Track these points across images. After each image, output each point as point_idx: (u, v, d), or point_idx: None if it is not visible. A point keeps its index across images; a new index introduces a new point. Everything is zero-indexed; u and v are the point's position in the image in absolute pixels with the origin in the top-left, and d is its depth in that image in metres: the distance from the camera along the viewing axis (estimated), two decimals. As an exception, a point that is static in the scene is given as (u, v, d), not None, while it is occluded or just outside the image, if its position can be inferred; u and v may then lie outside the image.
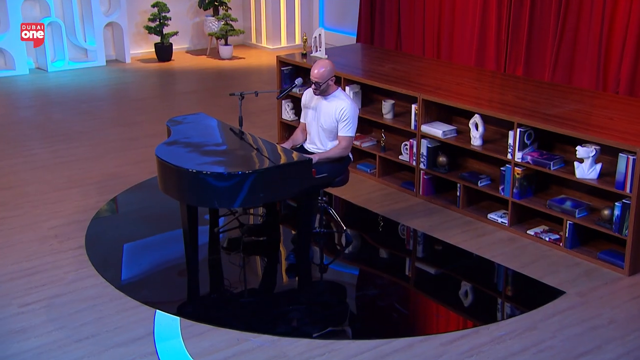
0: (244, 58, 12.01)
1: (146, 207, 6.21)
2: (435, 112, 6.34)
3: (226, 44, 11.94)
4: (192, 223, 5.07)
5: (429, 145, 6.27)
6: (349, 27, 11.68)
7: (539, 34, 8.11)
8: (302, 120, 5.65)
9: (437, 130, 6.19)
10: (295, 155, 5.02)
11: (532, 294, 4.86)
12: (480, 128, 5.91)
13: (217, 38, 11.96)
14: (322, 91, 5.35)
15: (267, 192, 4.76)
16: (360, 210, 6.22)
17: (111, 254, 5.35)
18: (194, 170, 4.65)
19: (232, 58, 11.93)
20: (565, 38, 7.74)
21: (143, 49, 12.12)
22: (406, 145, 6.52)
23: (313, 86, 5.31)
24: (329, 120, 5.37)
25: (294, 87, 5.54)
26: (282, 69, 7.53)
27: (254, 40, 12.88)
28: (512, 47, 8.31)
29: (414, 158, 6.40)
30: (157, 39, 11.89)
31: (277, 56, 7.63)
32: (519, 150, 5.59)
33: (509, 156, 5.66)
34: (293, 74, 7.57)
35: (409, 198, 6.46)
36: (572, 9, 7.66)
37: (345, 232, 5.70)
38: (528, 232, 5.66)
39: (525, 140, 5.58)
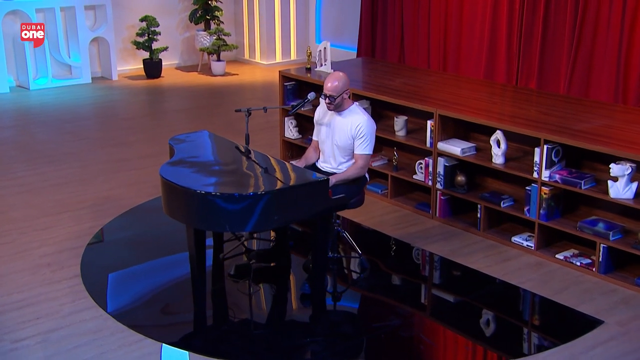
0: (237, 74, 11.89)
1: (144, 232, 6.03)
2: (452, 128, 6.21)
3: (218, 59, 11.82)
4: (200, 249, 4.89)
5: (446, 164, 6.14)
6: (348, 42, 11.63)
7: (552, 46, 8.07)
8: (314, 137, 5.50)
9: (455, 147, 6.06)
10: (310, 175, 4.87)
11: (567, 324, 4.70)
12: (503, 145, 5.78)
13: (209, 53, 11.84)
14: (337, 106, 5.21)
15: (281, 215, 4.59)
16: (373, 233, 6.06)
17: (110, 283, 5.14)
18: (202, 192, 4.50)
19: (225, 74, 11.80)
20: (581, 50, 7.71)
21: (131, 65, 11.98)
22: (421, 164, 6.39)
23: (327, 100, 5.17)
24: (344, 137, 5.22)
25: (307, 101, 5.40)
26: (286, 84, 7.41)
27: (247, 56, 12.77)
28: (524, 60, 8.27)
29: (430, 178, 6.26)
30: (146, 54, 11.75)
31: (279, 71, 7.51)
32: (546, 168, 5.46)
33: (535, 175, 5.52)
34: (296, 89, 7.46)
35: (424, 220, 6.31)
36: (589, 21, 7.62)
37: (361, 258, 5.54)
38: (557, 256, 5.52)
39: (553, 158, 5.46)
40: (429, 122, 6.20)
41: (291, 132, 7.50)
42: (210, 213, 4.51)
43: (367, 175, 5.39)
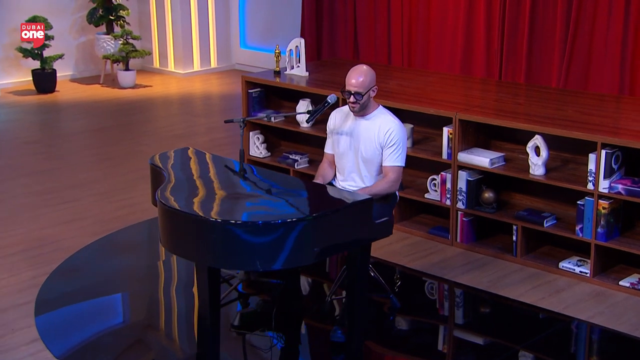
0: (150, 86, 11.28)
1: (111, 277, 5.49)
2: (473, 136, 5.89)
3: (127, 68, 11.16)
4: (214, 293, 4.40)
5: (469, 178, 5.81)
6: (282, 44, 11.24)
7: (542, 39, 7.98)
8: (328, 150, 5.08)
9: (482, 158, 5.74)
10: (348, 194, 4.49)
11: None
12: (544, 153, 5.50)
13: (114, 62, 11.15)
14: (362, 107, 4.78)
15: (321, 245, 4.15)
16: (386, 266, 5.67)
17: (83, 343, 4.58)
18: (219, 220, 4.03)
19: (135, 86, 11.17)
20: (578, 42, 7.64)
21: (15, 77, 11.17)
22: (435, 180, 6.03)
23: (351, 100, 4.75)
24: (371, 147, 4.80)
25: (327, 105, 4.94)
26: (250, 91, 6.96)
27: (156, 64, 12.19)
28: (508, 55, 8.16)
29: (448, 196, 5.90)
30: (36, 64, 10.92)
31: (242, 76, 7.11)
32: (604, 177, 5.19)
33: (590, 186, 5.25)
34: (263, 97, 7.02)
35: (443, 248, 5.97)
36: (587, 11, 7.55)
37: (392, 297, 5.12)
38: (620, 283, 5.26)
39: (613, 165, 5.20)
40: (445, 130, 5.86)
41: (258, 149, 7.01)
42: (229, 247, 4.06)
43: (397, 193, 4.98)
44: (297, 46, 6.88)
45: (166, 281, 5.50)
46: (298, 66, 6.90)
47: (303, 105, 6.57)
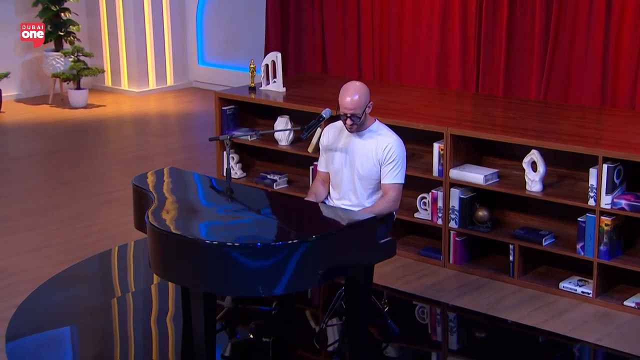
0: (104, 105, 11.15)
1: (81, 310, 5.38)
2: (465, 152, 5.91)
3: (78, 87, 11.02)
4: (210, 322, 4.31)
5: (462, 196, 5.82)
6: (240, 62, 11.28)
7: (520, 51, 8.06)
8: (321, 168, 5.06)
9: (476, 174, 5.76)
10: (350, 214, 4.48)
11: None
12: (541, 168, 5.53)
13: (64, 80, 11.00)
14: (360, 126, 4.77)
15: (324, 268, 4.12)
16: (379, 291, 5.63)
17: None
18: (216, 242, 3.99)
19: (87, 106, 11.03)
20: (557, 54, 7.74)
21: (-46, 99, 10.92)
22: (425, 198, 6.03)
23: (348, 122, 4.73)
24: (368, 164, 4.79)
25: (322, 120, 4.91)
26: (224, 108, 6.90)
27: (108, 82, 12.07)
28: (485, 68, 8.23)
29: (440, 215, 5.90)
30: (-22, 84, 10.73)
31: (215, 93, 7.06)
32: (606, 193, 5.23)
33: (592, 202, 5.29)
34: (238, 115, 6.99)
35: (435, 270, 5.98)
36: (565, 23, 7.66)
37: (390, 323, 5.09)
38: (625, 303, 5.29)
39: (615, 180, 5.25)
40: (436, 145, 5.87)
41: (233, 169, 6.95)
42: (227, 271, 4.02)
43: (394, 213, 4.96)
44: (273, 61, 6.83)
45: (144, 312, 5.41)
46: (274, 81, 6.86)
47: (282, 122, 6.54)
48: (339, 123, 4.92)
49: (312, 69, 9.61)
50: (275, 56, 6.84)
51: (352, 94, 4.71)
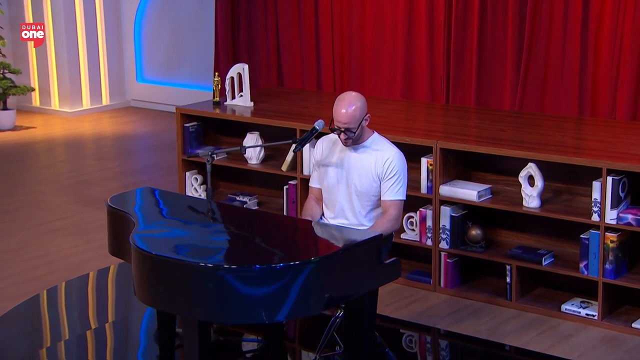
0: (34, 127, 10.99)
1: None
2: (454, 167, 5.94)
3: (5, 107, 10.85)
4: (205, 352, 4.23)
5: (453, 214, 5.83)
6: (184, 78, 11.27)
7: (492, 63, 8.21)
8: (314, 184, 5.03)
9: (469, 190, 5.79)
10: (354, 232, 4.48)
11: None
12: (539, 182, 5.58)
13: (-13, 100, 10.82)
14: (356, 139, 4.76)
15: (330, 291, 4.09)
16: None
17: None
18: (210, 265, 3.96)
19: (15, 128, 10.84)
20: (532, 65, 7.89)
21: None
22: (412, 218, 6.03)
23: (342, 136, 4.72)
24: (367, 179, 4.78)
25: (315, 132, 4.89)
26: (186, 125, 6.84)
27: (37, 103, 11.90)
28: (455, 79, 8.35)
29: (429, 235, 5.91)
30: None
31: (177, 108, 7.00)
32: (611, 207, 5.30)
33: (595, 217, 5.35)
34: (201, 132, 6.96)
35: (426, 294, 5.99)
36: (540, 33, 7.82)
37: (387, 351, 5.09)
38: (633, 325, 5.35)
39: (620, 193, 5.32)
40: (424, 160, 5.88)
41: (197, 191, 6.91)
42: (226, 297, 3.97)
43: (393, 233, 4.95)
44: (239, 73, 6.80)
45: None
46: (241, 95, 6.83)
47: (252, 139, 6.50)
48: (333, 135, 4.89)
49: (266, 84, 9.62)
50: (242, 68, 6.81)
51: (347, 106, 4.69)
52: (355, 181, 4.80)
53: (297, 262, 3.99)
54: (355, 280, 4.23)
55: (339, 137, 4.74)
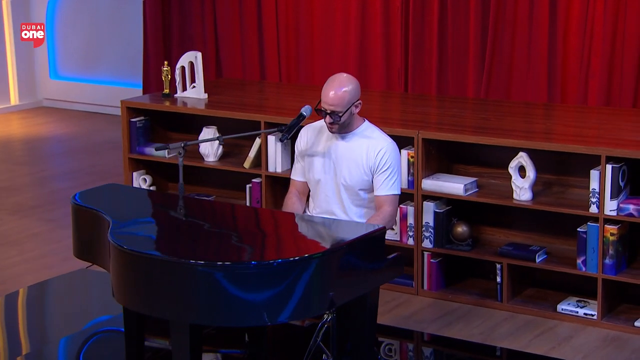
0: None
1: None
2: (436, 159, 5.98)
3: None
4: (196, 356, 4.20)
5: (437, 210, 5.87)
6: (104, 74, 11.19)
7: (454, 55, 8.31)
8: (297, 177, 5.01)
9: (454, 184, 5.83)
10: (355, 225, 4.51)
11: None
12: (531, 173, 5.62)
13: None
14: (343, 126, 4.74)
15: (335, 289, 4.09)
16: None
17: None
18: (201, 263, 3.93)
19: None
20: (497, 52, 8.03)
21: None
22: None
23: (327, 119, 4.70)
24: (357, 172, 4.77)
25: (302, 119, 4.87)
26: (133, 120, 6.79)
27: None
28: (414, 69, 8.45)
29: (410, 234, 5.93)
30: None
31: (122, 101, 6.91)
32: (611, 197, 5.38)
33: (594, 209, 5.42)
34: (149, 127, 6.92)
35: (408, 298, 6.02)
36: (505, 21, 7.96)
37: (379, 358, 5.11)
38: (636, 324, 5.44)
39: (620, 182, 5.41)
40: (405, 152, 5.90)
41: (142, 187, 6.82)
42: (219, 297, 3.96)
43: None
44: (193, 61, 6.75)
45: None
46: (194, 87, 6.79)
47: (208, 134, 6.45)
48: (319, 123, 4.89)
49: (204, 77, 9.59)
50: (194, 56, 6.78)
51: (337, 87, 4.69)
52: (344, 173, 4.78)
53: (301, 257, 3.98)
54: (359, 276, 4.24)
55: (325, 120, 4.71)
